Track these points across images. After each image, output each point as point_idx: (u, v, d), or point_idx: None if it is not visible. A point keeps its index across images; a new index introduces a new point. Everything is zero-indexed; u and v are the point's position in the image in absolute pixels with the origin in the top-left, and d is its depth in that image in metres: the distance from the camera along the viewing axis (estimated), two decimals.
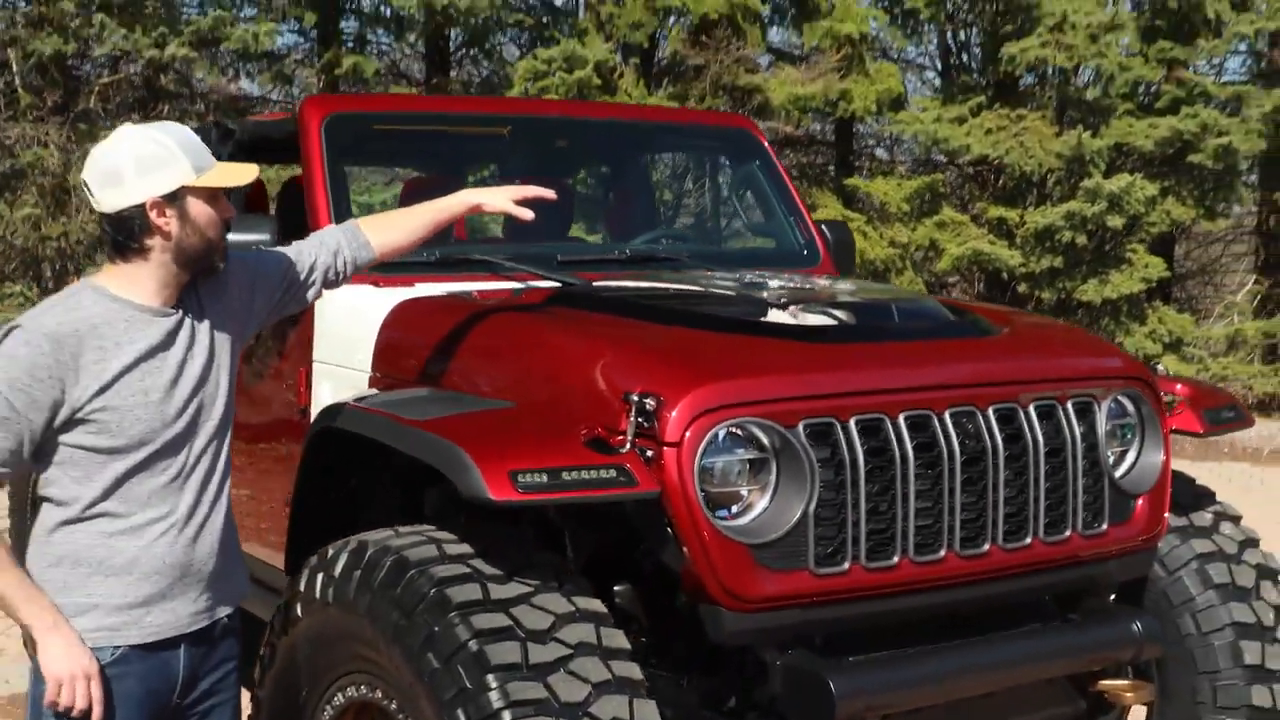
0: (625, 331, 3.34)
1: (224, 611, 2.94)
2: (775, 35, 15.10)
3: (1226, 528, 3.89)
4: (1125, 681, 3.47)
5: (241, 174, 2.82)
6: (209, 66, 12.33)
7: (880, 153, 17.01)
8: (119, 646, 2.75)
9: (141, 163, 2.70)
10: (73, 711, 2.68)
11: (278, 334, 4.17)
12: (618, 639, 2.91)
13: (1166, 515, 3.57)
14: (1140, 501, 3.50)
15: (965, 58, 16.10)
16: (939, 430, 3.14)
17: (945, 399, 3.18)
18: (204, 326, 2.86)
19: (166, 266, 2.75)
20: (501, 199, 3.36)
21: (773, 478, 2.99)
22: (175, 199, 2.71)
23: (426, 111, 4.81)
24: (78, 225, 12.21)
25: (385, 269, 4.03)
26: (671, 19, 14.00)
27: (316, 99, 4.32)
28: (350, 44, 13.92)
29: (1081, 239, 13.32)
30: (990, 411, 3.23)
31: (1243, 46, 14.61)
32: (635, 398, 2.90)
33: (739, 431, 2.98)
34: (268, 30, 12.09)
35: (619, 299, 3.65)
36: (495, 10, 12.81)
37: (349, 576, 3.04)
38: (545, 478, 2.79)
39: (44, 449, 2.70)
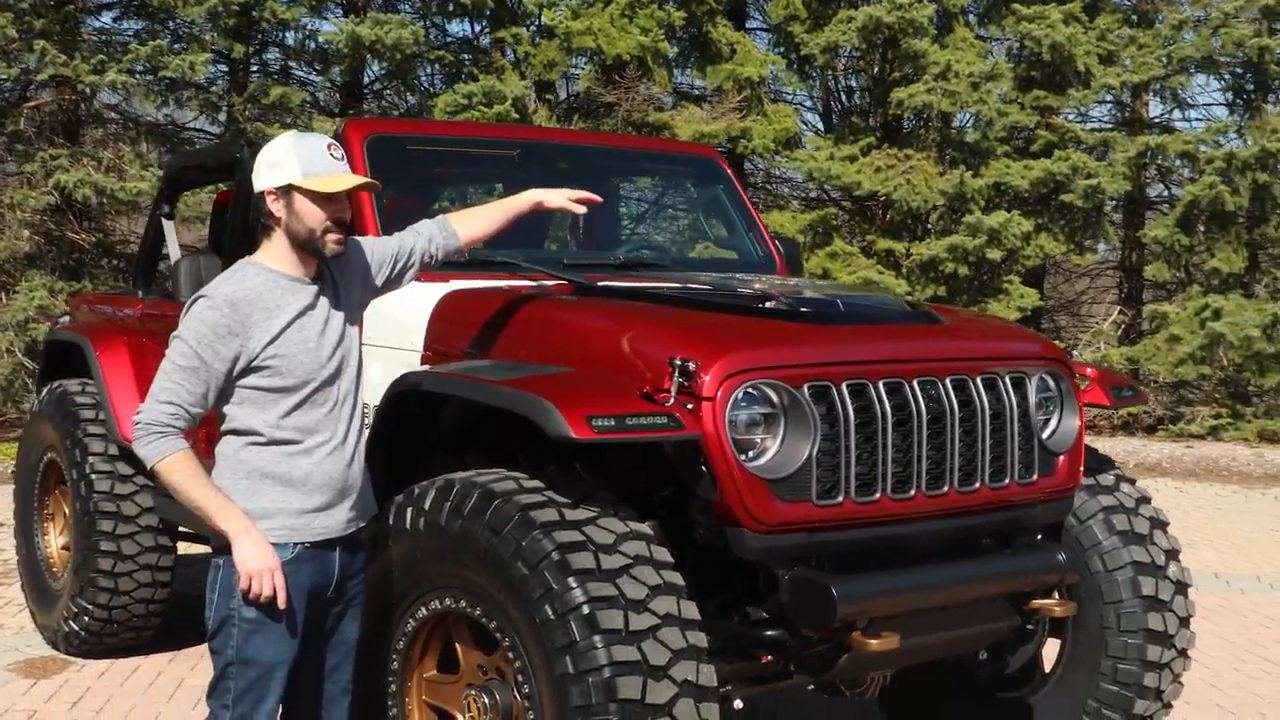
0: (659, 313, 4.08)
1: (362, 522, 3.67)
2: (679, 76, 15.93)
3: (1125, 487, 4.71)
4: (1053, 600, 4.27)
5: (340, 182, 3.48)
6: (145, 93, 12.76)
7: (783, 188, 17.92)
8: (296, 544, 3.45)
9: (268, 161, 3.48)
10: (262, 597, 3.35)
11: None
12: (664, 553, 3.62)
13: (1081, 470, 4.40)
14: (1062, 459, 4.31)
15: (855, 101, 17.11)
16: (909, 394, 3.92)
17: (914, 370, 3.96)
18: (337, 295, 3.60)
19: (286, 245, 3.50)
20: (560, 198, 4.20)
21: (781, 428, 3.74)
22: (285, 193, 3.45)
23: (450, 135, 5.53)
24: (9, 241, 12.51)
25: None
26: (583, 59, 14.77)
27: (357, 122, 5.00)
28: (275, 75, 14.47)
29: (964, 270, 14.33)
30: (948, 381, 4.01)
31: (1109, 97, 15.76)
32: (678, 362, 3.63)
33: (754, 391, 3.72)
34: (204, 60, 12.59)
35: (638, 291, 4.39)
36: (418, 45, 13.46)
37: (439, 508, 3.72)
38: (613, 421, 3.49)
39: (226, 392, 3.40)
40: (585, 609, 3.40)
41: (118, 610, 6.06)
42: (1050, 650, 4.66)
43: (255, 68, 14.72)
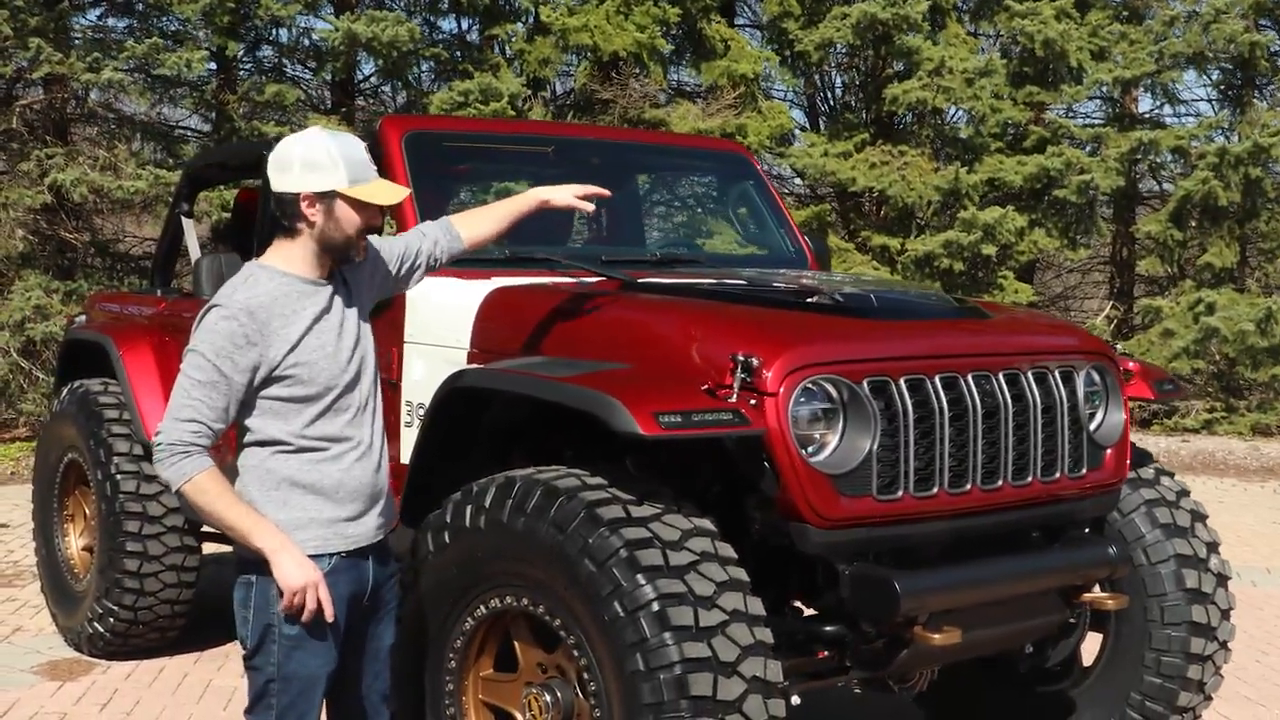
0: (715, 309, 4.08)
1: (390, 529, 3.58)
2: (673, 73, 15.93)
3: (1166, 480, 4.74)
4: (1105, 594, 4.29)
5: (389, 194, 3.39)
6: (141, 91, 12.68)
7: (775, 185, 17.92)
8: (333, 555, 3.36)
9: (308, 162, 3.30)
10: (304, 614, 3.25)
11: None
12: (728, 550, 3.62)
13: (1127, 463, 4.42)
14: (1109, 452, 4.33)
15: (846, 97, 17.14)
16: (964, 389, 3.93)
17: (968, 364, 3.97)
18: (350, 296, 3.48)
19: (312, 249, 3.36)
20: (567, 195, 4.13)
21: (841, 423, 3.74)
22: (325, 198, 3.31)
23: (486, 132, 5.53)
24: (3, 241, 12.42)
25: (464, 264, 4.72)
26: (577, 56, 14.75)
27: (394, 119, 4.98)
28: (269, 73, 14.40)
29: (959, 265, 14.36)
30: (1000, 375, 4.03)
31: (1100, 92, 15.82)
32: (740, 358, 3.63)
33: (814, 386, 3.72)
34: (200, 58, 12.52)
35: (684, 287, 4.38)
36: (414, 42, 13.41)
37: (501, 505, 3.70)
38: (680, 418, 3.48)
39: (247, 403, 3.28)
40: (655, 606, 3.39)
41: (144, 611, 6.02)
42: (1089, 644, 4.67)
43: (248, 65, 14.64)
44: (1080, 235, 15.28)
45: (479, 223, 4.03)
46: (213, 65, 13.97)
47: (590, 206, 4.21)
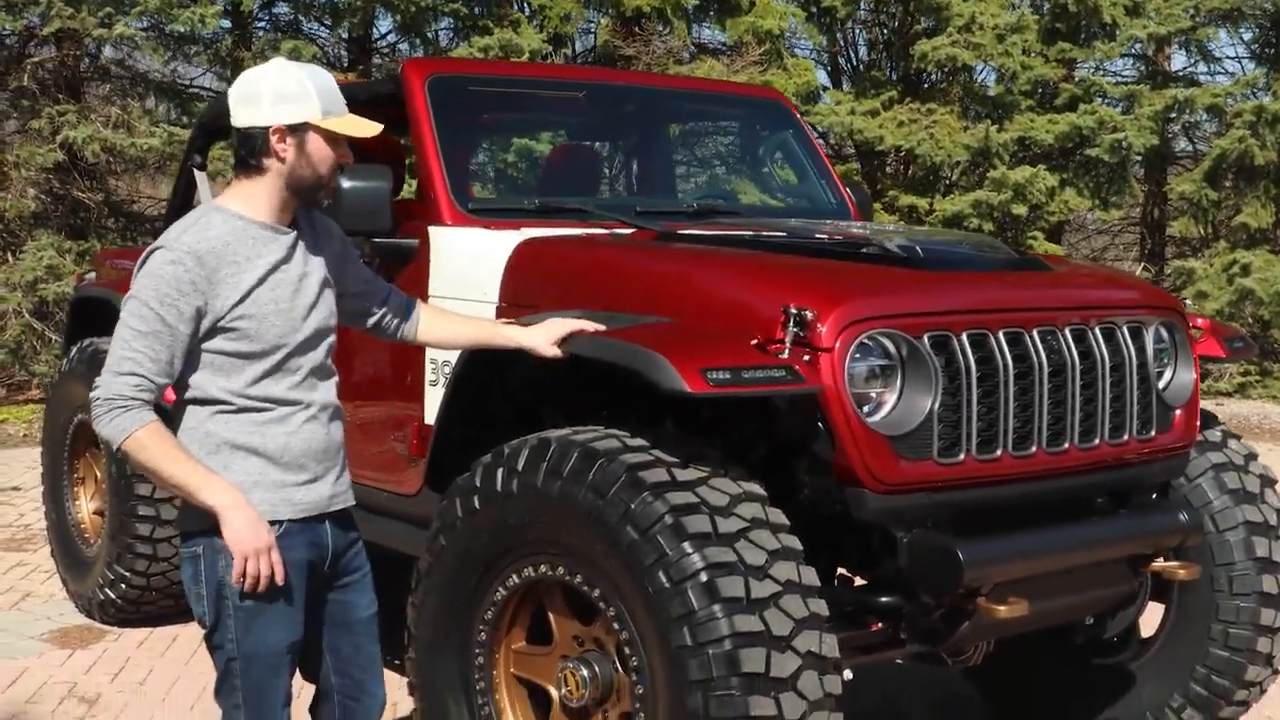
0: (763, 260, 3.82)
1: (351, 499, 3.24)
2: (697, 29, 15.60)
3: (1233, 444, 4.48)
4: (1176, 563, 4.04)
5: (364, 127, 3.08)
6: (155, 47, 12.41)
7: None
8: (281, 521, 3.04)
9: (278, 93, 2.99)
10: (261, 579, 2.95)
11: (385, 276, 4.55)
12: (779, 516, 3.37)
13: (1197, 425, 4.16)
14: (1178, 413, 4.07)
15: (872, 55, 16.80)
16: (1030, 345, 3.67)
17: (1033, 319, 3.71)
18: (314, 255, 3.15)
19: (279, 190, 3.03)
20: (547, 346, 3.52)
21: (898, 381, 3.49)
22: (297, 131, 3.00)
23: (513, 76, 5.26)
24: (16, 200, 12.20)
25: (492, 214, 4.48)
26: (599, 11, 14.44)
27: (418, 62, 4.71)
28: (285, 29, 14.12)
29: (988, 225, 14.05)
30: (1067, 331, 3.77)
31: (1134, 50, 15.47)
32: (793, 311, 3.37)
33: (870, 342, 3.46)
34: (214, 13, 12.24)
35: (727, 238, 4.13)
36: None
37: (534, 468, 3.46)
38: (729, 375, 3.23)
39: (191, 356, 2.97)
40: (703, 576, 3.15)
41: (156, 577, 5.81)
42: (1148, 616, 4.43)
43: (264, 21, 14.35)
44: (1112, 195, 14.93)
45: (445, 327, 3.59)
46: (227, 22, 13.68)
47: (558, 352, 3.54)
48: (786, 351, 3.35)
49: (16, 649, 5.71)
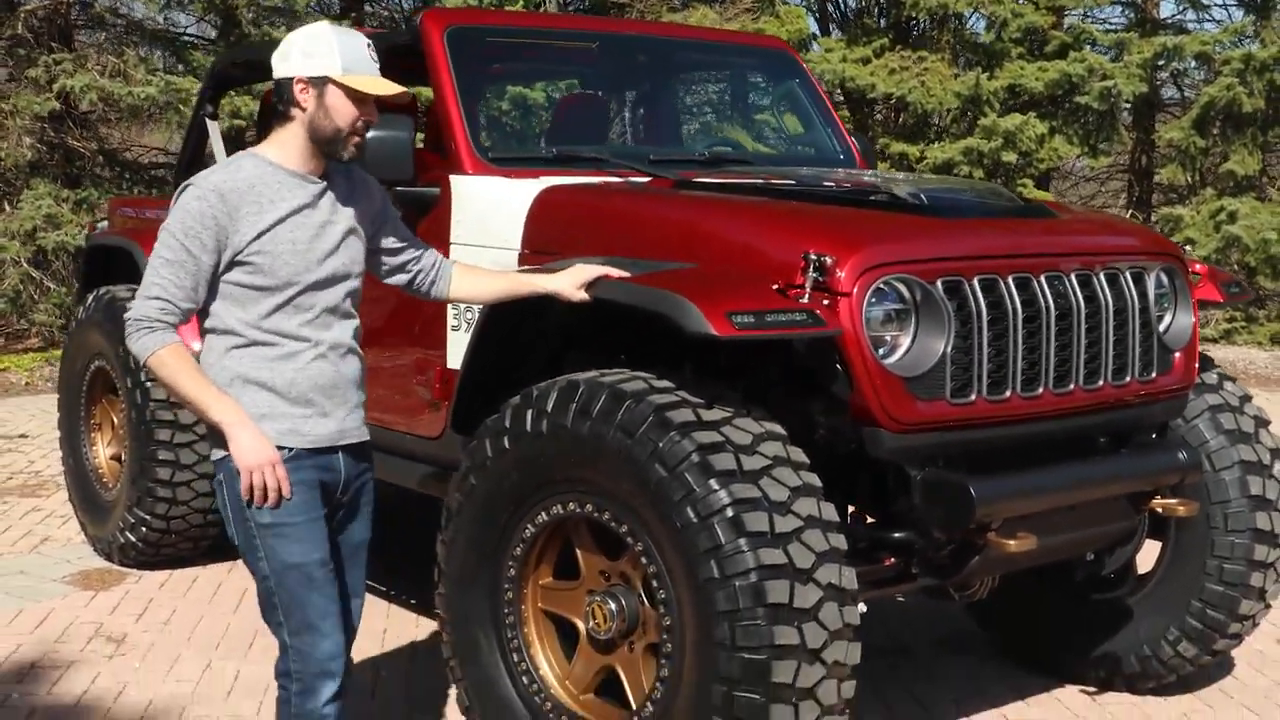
0: (781, 207, 3.94)
1: (364, 434, 3.42)
2: None
3: (1229, 385, 4.63)
4: (1175, 500, 4.20)
5: (381, 86, 3.29)
6: None
7: None
8: (290, 448, 3.24)
9: (305, 49, 3.25)
10: (268, 493, 3.17)
11: (407, 224, 4.66)
12: (799, 454, 3.51)
13: (1195, 368, 4.31)
14: (1178, 356, 4.22)
15: (864, 2, 16.82)
16: (1037, 290, 3.81)
17: (1040, 265, 3.85)
18: (345, 206, 3.35)
19: (304, 139, 3.27)
20: (569, 287, 3.69)
21: (913, 324, 3.62)
22: (318, 83, 3.23)
23: (530, 26, 5.35)
24: (12, 149, 12.20)
25: (511, 164, 4.59)
26: None
27: (435, 12, 4.79)
28: None
29: (979, 173, 14.15)
30: (1073, 276, 3.90)
31: None
32: (813, 256, 3.50)
33: (886, 287, 3.60)
34: None
35: (744, 185, 4.24)
36: None
37: (564, 408, 3.59)
38: (753, 318, 3.36)
39: (214, 286, 3.22)
40: (730, 511, 3.29)
41: (176, 520, 5.94)
42: (1144, 552, 4.59)
43: None
44: (1101, 143, 15.01)
45: (476, 283, 3.76)
46: None
47: (585, 296, 3.70)
48: (807, 296, 3.49)
49: (40, 591, 5.84)
